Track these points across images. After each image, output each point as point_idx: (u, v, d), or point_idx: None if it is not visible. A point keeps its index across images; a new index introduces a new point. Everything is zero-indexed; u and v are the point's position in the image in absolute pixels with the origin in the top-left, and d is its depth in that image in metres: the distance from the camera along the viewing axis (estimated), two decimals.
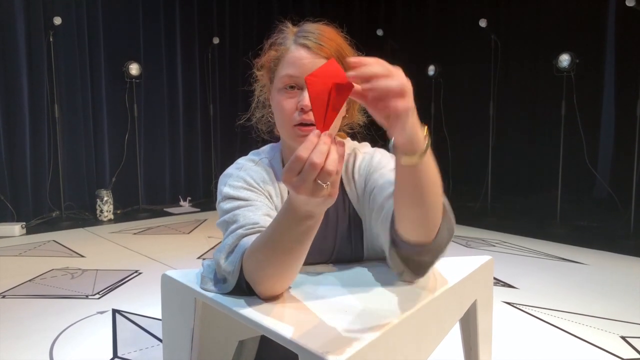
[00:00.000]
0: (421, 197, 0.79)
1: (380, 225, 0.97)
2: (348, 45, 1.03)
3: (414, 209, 0.82)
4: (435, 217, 0.83)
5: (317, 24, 1.03)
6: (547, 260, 3.46)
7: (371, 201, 1.02)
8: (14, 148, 4.52)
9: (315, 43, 0.98)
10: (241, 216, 0.97)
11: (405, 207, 0.83)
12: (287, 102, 0.99)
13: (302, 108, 0.97)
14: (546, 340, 2.24)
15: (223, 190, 1.04)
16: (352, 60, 0.68)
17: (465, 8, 5.39)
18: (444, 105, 5.35)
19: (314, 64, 0.96)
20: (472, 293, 1.08)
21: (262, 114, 1.15)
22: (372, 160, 1.07)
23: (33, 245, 3.92)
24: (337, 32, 1.03)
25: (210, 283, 0.95)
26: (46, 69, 4.58)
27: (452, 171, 5.10)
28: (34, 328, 2.37)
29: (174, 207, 5.41)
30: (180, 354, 1.05)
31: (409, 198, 0.81)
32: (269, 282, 0.88)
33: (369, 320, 0.81)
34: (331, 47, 0.98)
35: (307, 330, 0.77)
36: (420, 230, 0.85)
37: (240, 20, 5.84)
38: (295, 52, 0.99)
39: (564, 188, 4.30)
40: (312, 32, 1.00)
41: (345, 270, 1.06)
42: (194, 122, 5.67)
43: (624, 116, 4.42)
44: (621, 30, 4.47)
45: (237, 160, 1.13)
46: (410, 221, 0.85)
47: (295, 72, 0.98)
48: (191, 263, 3.40)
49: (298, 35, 1.00)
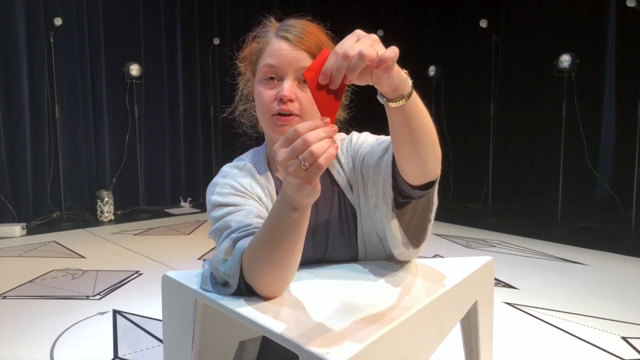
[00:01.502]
0: (417, 134, 0.83)
1: (382, 181, 0.99)
2: (330, 41, 1.05)
3: (414, 147, 0.85)
4: (434, 149, 0.88)
5: (300, 20, 1.05)
6: (547, 261, 3.46)
7: (364, 169, 1.05)
8: (15, 149, 4.52)
9: (296, 36, 1.00)
10: (233, 221, 0.98)
11: (405, 149, 0.87)
12: (266, 92, 1.02)
13: (280, 98, 0.99)
14: (547, 340, 2.24)
15: (212, 199, 1.05)
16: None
17: (466, 9, 5.39)
18: (444, 106, 5.35)
19: (294, 56, 0.99)
20: (473, 294, 1.08)
21: (245, 107, 1.16)
22: (352, 141, 1.11)
23: (34, 246, 3.92)
24: (319, 28, 1.05)
25: (209, 284, 0.96)
26: (47, 69, 4.58)
27: (453, 172, 5.11)
28: (34, 329, 2.37)
29: (175, 208, 5.41)
30: (181, 355, 1.04)
31: (407, 139, 0.84)
32: (267, 280, 0.88)
33: (369, 321, 0.80)
34: (311, 41, 1.00)
35: (307, 330, 0.77)
36: (424, 168, 0.89)
37: (240, 21, 5.85)
38: (276, 44, 1.01)
39: (565, 189, 4.30)
40: (294, 26, 1.02)
41: (346, 270, 1.06)
42: (194, 123, 5.68)
43: (624, 117, 4.42)
44: (622, 31, 4.47)
45: (222, 168, 1.14)
46: (413, 161, 0.88)
47: (275, 63, 1.00)
48: (192, 264, 3.40)
49: (280, 29, 1.03)
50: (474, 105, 5.27)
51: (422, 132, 0.83)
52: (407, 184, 0.93)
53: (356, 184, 1.08)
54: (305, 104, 1.00)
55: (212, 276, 0.97)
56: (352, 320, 0.81)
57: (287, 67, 0.99)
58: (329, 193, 1.10)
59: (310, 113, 1.02)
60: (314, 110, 1.03)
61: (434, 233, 4.28)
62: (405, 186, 0.94)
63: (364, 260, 1.12)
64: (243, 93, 1.15)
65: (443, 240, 4.06)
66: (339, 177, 1.10)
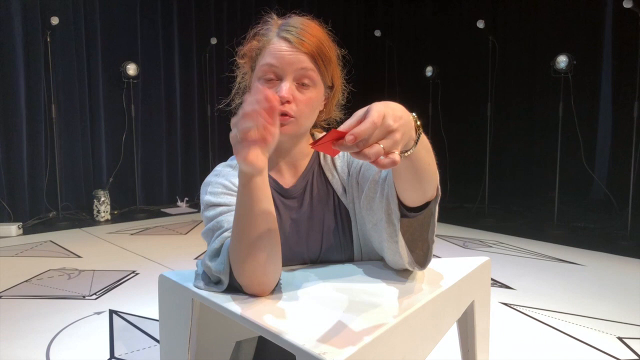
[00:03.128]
0: (420, 173, 0.83)
1: (386, 201, 0.96)
2: (330, 42, 1.05)
3: (416, 183, 0.86)
4: (434, 180, 0.89)
5: (302, 18, 1.04)
6: (544, 261, 3.46)
7: (361, 178, 1.04)
8: (11, 148, 4.51)
9: (297, 37, 1.00)
10: (225, 221, 0.99)
11: (406, 185, 0.87)
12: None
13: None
14: (543, 341, 2.24)
15: (204, 199, 1.05)
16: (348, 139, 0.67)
17: (463, 9, 5.40)
18: (441, 106, 5.36)
19: (294, 57, 0.99)
20: (470, 294, 1.08)
21: (242, 100, 1.16)
22: None
23: (30, 246, 3.91)
24: (320, 28, 1.05)
25: (202, 282, 0.96)
26: (43, 69, 4.57)
27: (450, 172, 5.11)
28: (30, 329, 2.37)
29: (171, 208, 5.40)
30: (178, 355, 1.04)
31: (410, 178, 0.85)
32: (247, 271, 0.88)
33: (366, 321, 0.81)
34: (312, 43, 1.00)
35: (304, 330, 0.77)
36: (423, 196, 0.90)
37: (238, 21, 5.84)
38: (277, 44, 1.01)
39: (561, 189, 4.31)
40: (295, 27, 1.01)
41: (342, 270, 1.06)
42: (191, 122, 5.67)
43: (621, 117, 4.44)
44: (618, 31, 4.49)
45: (215, 167, 1.14)
46: (413, 192, 0.89)
47: (275, 62, 1.00)
48: (188, 264, 3.40)
49: (281, 28, 1.02)
50: (471, 106, 5.28)
51: (425, 172, 0.84)
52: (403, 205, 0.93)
53: (350, 190, 1.08)
54: (302, 107, 1.00)
55: (204, 274, 0.97)
56: (349, 321, 0.81)
57: (287, 67, 0.99)
58: (324, 193, 1.11)
59: (306, 115, 1.03)
60: (309, 113, 1.04)
61: None
62: (401, 207, 0.94)
63: (360, 260, 1.12)
64: (240, 86, 1.15)
65: (440, 241, 4.06)
66: (333, 179, 1.11)
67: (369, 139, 0.65)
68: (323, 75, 1.03)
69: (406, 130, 0.70)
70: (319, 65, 1.01)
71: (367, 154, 0.65)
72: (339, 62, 1.09)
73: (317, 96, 1.04)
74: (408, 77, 5.75)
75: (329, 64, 1.03)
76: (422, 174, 0.83)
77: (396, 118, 0.68)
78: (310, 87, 1.01)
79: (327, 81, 1.05)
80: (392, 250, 0.98)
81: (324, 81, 1.04)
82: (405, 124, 0.70)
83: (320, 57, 1.01)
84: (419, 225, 0.97)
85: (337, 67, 1.08)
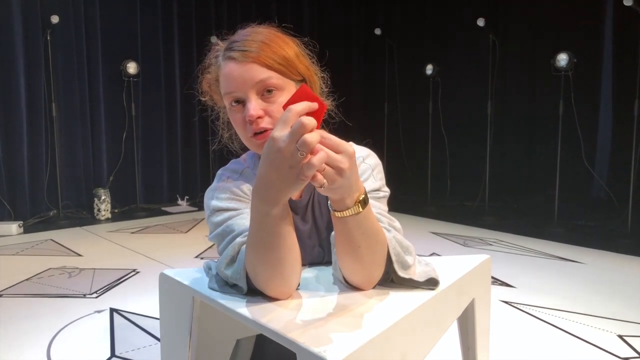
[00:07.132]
0: (354, 250, 0.86)
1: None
2: (282, 37, 1.00)
3: (348, 258, 0.89)
4: (370, 271, 0.91)
5: (245, 30, 1.01)
6: (544, 259, 3.46)
7: None
8: (12, 147, 4.51)
9: (239, 51, 0.96)
10: (235, 225, 0.97)
11: (340, 254, 0.90)
12: (237, 117, 1.00)
13: (248, 120, 0.97)
14: (544, 339, 2.25)
15: (211, 204, 1.03)
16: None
17: (463, 7, 5.39)
18: (441, 104, 5.35)
19: (245, 74, 0.95)
20: (470, 292, 1.08)
21: (230, 134, 1.15)
22: (359, 165, 1.05)
23: (30, 244, 3.91)
24: (266, 29, 1.01)
25: (216, 285, 0.96)
26: (43, 67, 4.56)
27: (450, 170, 5.11)
28: (31, 327, 2.37)
29: (172, 206, 5.40)
30: (178, 353, 1.04)
31: (342, 248, 0.88)
32: (268, 282, 0.88)
33: (367, 319, 0.81)
34: (256, 49, 0.96)
35: (305, 329, 0.77)
36: (355, 278, 0.93)
37: (238, 20, 5.83)
38: (225, 68, 0.98)
39: (562, 187, 4.31)
40: (237, 41, 0.99)
41: None
42: (191, 121, 5.66)
43: (621, 116, 4.43)
44: (619, 29, 4.48)
45: (218, 172, 1.12)
46: (345, 267, 0.92)
47: (231, 88, 0.98)
48: (189, 262, 3.40)
49: (226, 50, 1.00)
50: (471, 104, 5.27)
51: (364, 250, 0.86)
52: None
53: None
54: (276, 114, 0.97)
55: (218, 276, 0.97)
56: (350, 319, 0.81)
57: (243, 87, 0.96)
58: (325, 206, 1.10)
59: None
60: None
61: (431, 231, 4.29)
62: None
63: None
64: (224, 120, 1.14)
65: (440, 239, 4.06)
66: None
67: (328, 148, 0.74)
68: (284, 74, 0.97)
69: (349, 183, 0.77)
70: (275, 68, 0.96)
71: (315, 153, 0.72)
72: (304, 51, 1.03)
73: (288, 97, 1.02)
74: (408, 75, 5.74)
75: (286, 61, 0.98)
76: (363, 250, 0.86)
77: (352, 168, 0.76)
78: (277, 92, 0.97)
79: (294, 77, 1.00)
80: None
81: (290, 78, 0.99)
82: (354, 178, 0.78)
83: (272, 59, 0.96)
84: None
85: (301, 58, 1.01)
